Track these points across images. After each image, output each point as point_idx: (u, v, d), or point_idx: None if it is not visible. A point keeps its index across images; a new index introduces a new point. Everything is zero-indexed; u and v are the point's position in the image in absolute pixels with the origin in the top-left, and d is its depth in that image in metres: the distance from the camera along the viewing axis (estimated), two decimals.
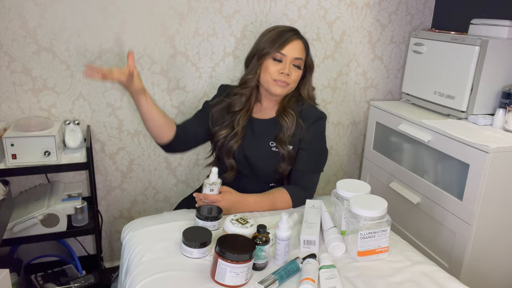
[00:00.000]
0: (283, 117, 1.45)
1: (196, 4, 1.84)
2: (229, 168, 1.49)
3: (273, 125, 1.48)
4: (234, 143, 1.45)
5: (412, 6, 2.21)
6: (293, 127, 1.44)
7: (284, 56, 1.40)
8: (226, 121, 1.49)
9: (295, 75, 1.43)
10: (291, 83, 1.43)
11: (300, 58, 1.43)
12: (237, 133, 1.46)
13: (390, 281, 1.10)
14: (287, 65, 1.40)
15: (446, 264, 1.70)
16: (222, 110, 1.51)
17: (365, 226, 1.13)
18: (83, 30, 1.72)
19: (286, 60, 1.40)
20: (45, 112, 1.77)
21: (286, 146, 1.44)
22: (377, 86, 2.29)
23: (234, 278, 1.03)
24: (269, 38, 1.42)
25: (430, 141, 1.75)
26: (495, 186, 1.55)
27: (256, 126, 1.49)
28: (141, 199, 2.04)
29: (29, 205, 1.65)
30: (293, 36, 1.42)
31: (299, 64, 1.43)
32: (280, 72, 1.40)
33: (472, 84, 1.74)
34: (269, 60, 1.41)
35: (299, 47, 1.43)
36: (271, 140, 1.46)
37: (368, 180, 2.19)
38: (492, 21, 1.81)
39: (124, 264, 1.22)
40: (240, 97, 1.49)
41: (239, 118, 1.47)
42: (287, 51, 1.40)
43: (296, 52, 1.41)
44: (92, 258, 1.96)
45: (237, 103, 1.49)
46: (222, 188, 1.37)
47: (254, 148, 1.46)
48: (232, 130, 1.47)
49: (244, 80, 1.49)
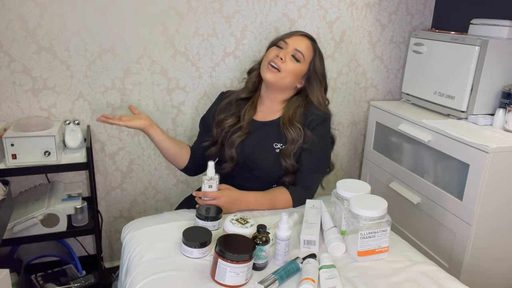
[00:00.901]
0: (288, 131, 1.42)
1: (196, 4, 1.84)
2: (228, 160, 1.47)
3: (276, 127, 1.47)
4: (237, 138, 1.46)
5: (412, 6, 2.21)
6: (300, 141, 1.42)
7: (286, 44, 1.43)
8: (233, 111, 1.52)
9: (291, 65, 1.42)
10: (283, 71, 1.41)
11: (301, 52, 1.43)
12: (242, 127, 1.47)
13: (390, 281, 1.10)
14: (284, 52, 1.42)
15: (446, 264, 1.70)
16: (229, 101, 1.55)
17: (365, 226, 1.13)
18: (83, 30, 1.72)
19: (287, 48, 1.43)
20: (45, 112, 1.77)
21: (289, 159, 1.42)
22: (377, 86, 2.29)
23: (234, 278, 1.03)
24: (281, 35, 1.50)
25: (430, 141, 1.75)
26: (495, 186, 1.55)
27: (259, 127, 1.49)
28: (141, 199, 2.04)
29: (29, 205, 1.65)
30: (303, 34, 1.47)
31: (299, 58, 1.43)
32: (276, 55, 1.42)
33: (472, 84, 1.74)
34: (273, 47, 1.46)
35: (304, 43, 1.45)
36: (274, 142, 1.45)
37: (368, 180, 2.19)
38: (492, 21, 1.81)
39: (124, 264, 1.22)
40: (247, 83, 1.54)
41: (245, 111, 1.50)
42: (290, 41, 1.44)
43: (300, 45, 1.43)
44: (92, 258, 1.96)
45: (243, 91, 1.54)
46: (221, 185, 1.37)
47: (258, 150, 1.45)
48: (238, 122, 1.49)
49: (251, 68, 1.56)
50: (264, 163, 1.45)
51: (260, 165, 1.45)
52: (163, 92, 1.91)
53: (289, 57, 1.42)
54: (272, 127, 1.48)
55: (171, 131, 1.98)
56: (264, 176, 1.47)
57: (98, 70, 1.78)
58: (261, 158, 1.45)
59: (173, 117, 1.96)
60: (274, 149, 1.45)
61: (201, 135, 1.61)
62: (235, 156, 1.46)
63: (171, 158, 1.55)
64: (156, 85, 1.89)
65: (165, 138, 1.49)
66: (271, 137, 1.46)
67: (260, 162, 1.45)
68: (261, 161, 1.45)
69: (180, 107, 1.96)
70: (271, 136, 1.46)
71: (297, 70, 1.43)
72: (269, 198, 1.42)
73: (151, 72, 1.86)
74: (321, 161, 1.48)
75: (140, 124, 1.45)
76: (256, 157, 1.45)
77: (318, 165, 1.48)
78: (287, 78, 1.43)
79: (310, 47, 1.46)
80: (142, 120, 1.46)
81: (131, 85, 1.85)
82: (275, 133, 1.46)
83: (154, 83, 1.88)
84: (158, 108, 1.92)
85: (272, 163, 1.44)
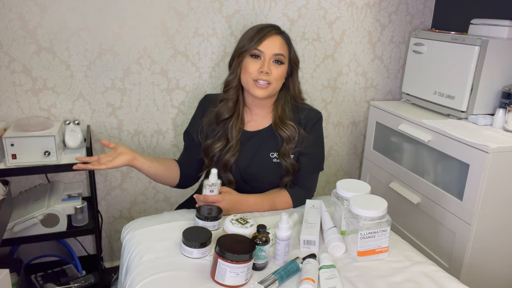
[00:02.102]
0: (282, 130, 1.38)
1: (196, 4, 1.84)
2: (226, 183, 1.41)
3: (270, 135, 1.41)
4: (230, 157, 1.38)
5: (412, 6, 2.21)
6: (296, 138, 1.38)
7: (262, 52, 1.31)
8: (219, 132, 1.41)
9: (277, 72, 1.33)
10: (273, 81, 1.33)
11: (281, 54, 1.33)
12: (233, 146, 1.38)
13: (390, 281, 1.10)
14: (266, 63, 1.31)
15: (446, 264, 1.70)
16: (211, 121, 1.42)
17: (365, 226, 1.13)
18: (83, 30, 1.72)
19: (264, 57, 1.32)
20: (45, 112, 1.77)
21: (289, 158, 1.39)
22: (377, 86, 2.29)
23: (234, 278, 1.03)
24: (247, 36, 1.35)
25: (430, 141, 1.75)
26: (495, 186, 1.55)
27: (252, 138, 1.42)
28: (141, 199, 2.04)
29: (29, 205, 1.65)
30: (271, 32, 1.33)
31: (281, 60, 1.33)
32: (259, 71, 1.31)
33: (472, 84, 1.74)
34: (248, 58, 1.33)
35: (278, 42, 1.33)
36: (271, 152, 1.41)
37: (368, 180, 2.19)
38: (492, 21, 1.81)
39: (124, 264, 1.22)
40: (226, 102, 1.40)
41: (232, 128, 1.39)
42: (264, 47, 1.31)
43: (275, 48, 1.32)
44: (92, 258, 1.96)
45: (225, 110, 1.40)
46: (222, 188, 1.35)
47: (255, 162, 1.40)
48: (227, 142, 1.39)
49: (226, 82, 1.41)
50: (262, 174, 1.41)
51: (258, 177, 1.42)
52: (163, 92, 1.91)
53: (272, 65, 1.32)
54: (266, 135, 1.42)
55: (171, 131, 1.98)
56: (262, 187, 1.44)
57: (98, 70, 1.78)
58: (259, 170, 1.41)
59: (173, 117, 1.96)
60: (271, 159, 1.41)
61: (187, 149, 1.50)
62: (233, 178, 1.41)
63: (162, 180, 1.43)
64: (156, 85, 1.89)
65: (151, 164, 1.36)
66: (266, 147, 1.41)
67: (258, 174, 1.41)
68: (258, 172, 1.41)
69: (180, 107, 1.96)
70: (266, 146, 1.41)
71: (283, 71, 1.36)
72: (269, 200, 1.40)
73: (151, 72, 1.86)
74: (319, 161, 1.48)
75: (123, 161, 1.28)
76: (253, 170, 1.41)
77: (316, 165, 1.47)
78: (278, 84, 1.36)
79: (283, 42, 1.35)
80: (123, 156, 1.28)
81: (131, 85, 1.85)
82: (270, 142, 1.41)
83: (154, 83, 1.88)
84: (158, 108, 1.92)
85: (270, 173, 1.41)
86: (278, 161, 1.40)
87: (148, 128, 1.94)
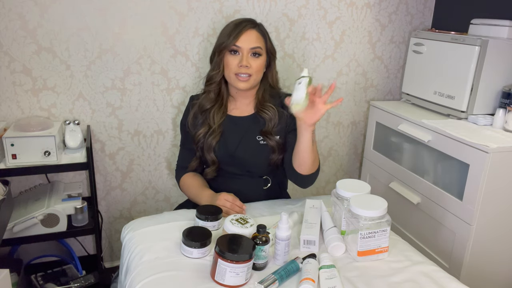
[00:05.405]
0: (263, 111, 1.46)
1: (196, 4, 1.84)
2: (210, 163, 1.49)
3: (255, 120, 1.48)
4: (212, 140, 1.45)
5: (412, 6, 2.21)
6: (276, 118, 1.45)
7: (240, 48, 1.39)
8: (202, 120, 1.49)
9: (256, 64, 1.41)
10: (254, 73, 1.41)
11: (258, 46, 1.41)
12: (215, 130, 1.46)
13: (390, 281, 1.10)
14: (244, 57, 1.39)
15: (446, 264, 1.70)
16: (195, 114, 1.51)
17: (365, 226, 1.13)
18: (83, 30, 1.72)
19: (242, 51, 1.40)
20: (45, 112, 1.77)
21: (273, 137, 1.45)
22: (377, 86, 2.29)
23: (234, 278, 1.03)
24: (225, 32, 1.43)
25: (430, 141, 1.75)
26: (495, 186, 1.55)
27: (238, 123, 1.49)
28: (141, 199, 2.04)
29: (29, 205, 1.65)
30: (246, 27, 1.41)
31: (258, 52, 1.41)
32: (239, 65, 1.39)
33: (472, 84, 1.74)
34: (228, 55, 1.41)
35: (254, 36, 1.41)
36: (257, 135, 1.47)
37: (368, 180, 2.19)
38: (492, 21, 1.81)
39: (124, 264, 1.22)
40: (208, 94, 1.49)
41: (213, 115, 1.47)
42: (241, 43, 1.39)
43: (252, 42, 1.40)
44: (92, 258, 1.96)
45: (207, 101, 1.49)
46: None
47: (242, 146, 1.47)
48: (209, 128, 1.47)
49: (208, 77, 1.49)
50: (250, 156, 1.47)
51: (247, 159, 1.47)
52: (163, 92, 1.91)
53: (250, 58, 1.40)
54: (251, 121, 1.49)
55: (171, 131, 1.98)
56: (254, 169, 1.50)
57: (98, 70, 1.78)
58: (246, 153, 1.47)
59: (173, 117, 1.96)
60: (257, 141, 1.47)
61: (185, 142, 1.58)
62: (215, 159, 1.48)
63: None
64: (156, 85, 1.89)
65: (209, 189, 1.49)
66: (252, 132, 1.48)
67: (246, 157, 1.47)
68: (246, 155, 1.47)
69: (180, 107, 1.96)
70: (252, 131, 1.48)
71: (262, 63, 1.44)
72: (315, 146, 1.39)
73: (151, 72, 1.86)
74: None
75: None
76: (241, 153, 1.47)
77: None
78: (258, 75, 1.44)
79: (259, 35, 1.43)
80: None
81: (131, 85, 1.85)
82: (256, 127, 1.47)
83: (154, 83, 1.88)
84: (158, 108, 1.92)
85: (257, 155, 1.47)
86: (265, 143, 1.46)
87: (148, 128, 1.94)
